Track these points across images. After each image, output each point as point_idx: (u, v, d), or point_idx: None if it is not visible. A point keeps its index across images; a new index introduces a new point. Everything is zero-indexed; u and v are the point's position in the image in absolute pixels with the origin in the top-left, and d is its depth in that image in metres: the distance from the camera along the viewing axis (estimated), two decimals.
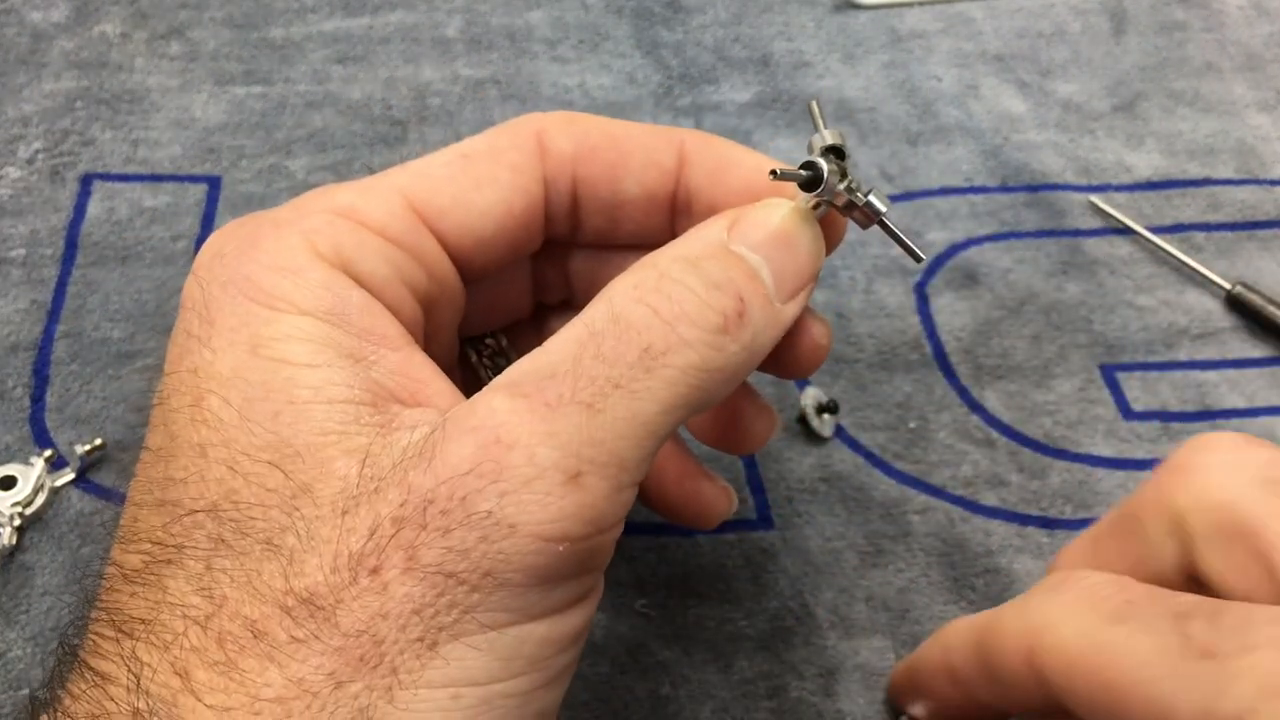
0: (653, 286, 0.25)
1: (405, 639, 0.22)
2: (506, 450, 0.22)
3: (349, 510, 0.23)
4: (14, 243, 0.45)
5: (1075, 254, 0.48)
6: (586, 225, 0.30)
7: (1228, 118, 0.54)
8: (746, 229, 0.27)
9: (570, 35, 0.56)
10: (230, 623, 0.22)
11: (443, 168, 0.28)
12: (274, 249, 0.26)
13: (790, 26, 0.57)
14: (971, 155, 0.51)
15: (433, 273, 0.28)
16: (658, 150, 0.29)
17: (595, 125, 0.29)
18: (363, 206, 0.27)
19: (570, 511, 0.23)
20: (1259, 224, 0.49)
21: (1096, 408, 0.42)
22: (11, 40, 0.53)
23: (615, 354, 0.24)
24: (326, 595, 0.22)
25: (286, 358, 0.24)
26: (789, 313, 0.27)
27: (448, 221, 0.28)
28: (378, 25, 0.55)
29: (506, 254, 0.29)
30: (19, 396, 0.40)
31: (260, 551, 0.23)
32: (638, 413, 0.24)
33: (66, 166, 0.48)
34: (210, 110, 0.51)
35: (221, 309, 0.25)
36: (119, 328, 0.42)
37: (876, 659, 0.35)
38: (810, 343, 0.29)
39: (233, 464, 0.24)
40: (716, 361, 0.25)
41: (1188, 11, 0.59)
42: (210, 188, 0.48)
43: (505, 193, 0.28)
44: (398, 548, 0.22)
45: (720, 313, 0.25)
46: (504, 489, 0.22)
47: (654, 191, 0.29)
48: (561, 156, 0.29)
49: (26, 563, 0.36)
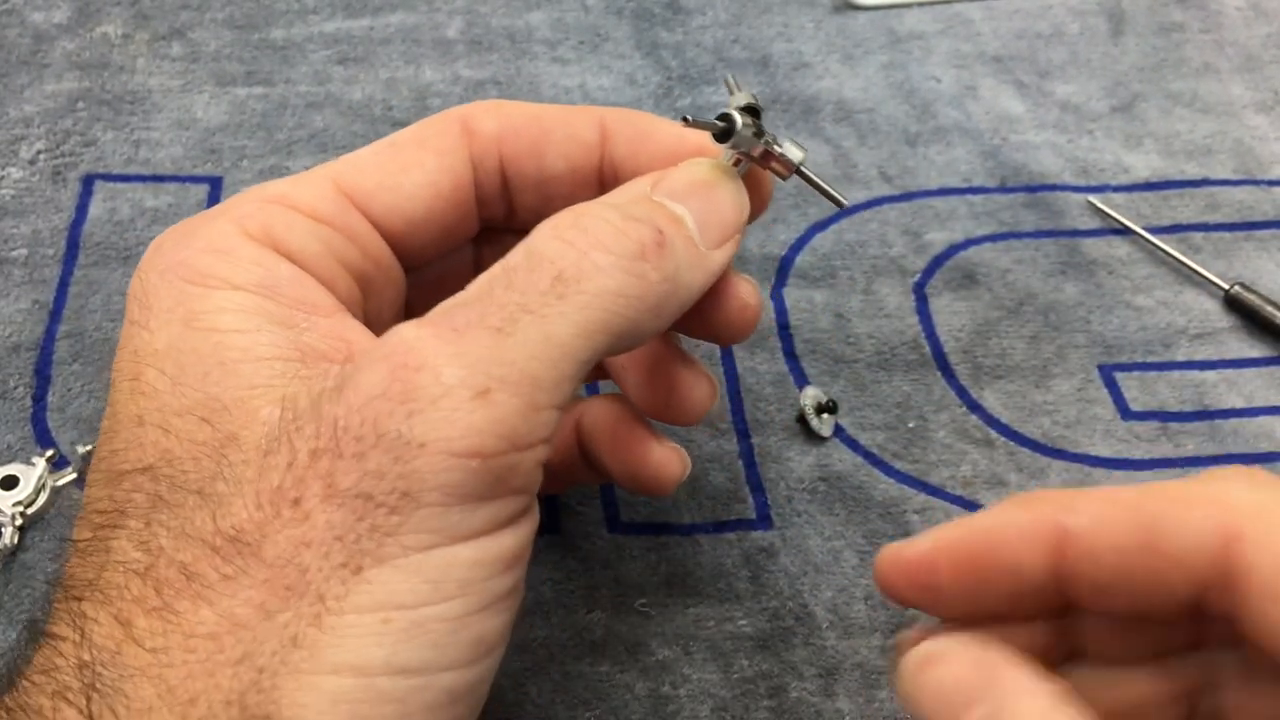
0: (569, 223, 0.25)
1: (329, 565, 0.22)
2: (414, 372, 0.23)
3: (271, 450, 0.23)
4: (16, 243, 0.45)
5: (1074, 254, 0.48)
6: (520, 205, 0.31)
7: (1226, 118, 0.54)
8: (668, 182, 0.28)
9: (570, 36, 0.56)
10: (167, 570, 0.23)
11: (371, 155, 0.29)
12: (207, 234, 0.27)
13: (790, 27, 0.57)
14: (970, 156, 0.51)
15: (366, 251, 0.29)
16: (578, 126, 0.30)
17: (518, 108, 0.30)
18: (292, 193, 0.28)
19: (480, 426, 0.23)
20: (1257, 224, 0.49)
21: (1095, 408, 0.42)
22: (13, 41, 0.53)
23: (526, 283, 0.24)
24: (252, 531, 0.23)
25: (217, 326, 0.25)
26: (716, 259, 0.27)
27: (377, 203, 0.29)
28: (378, 26, 0.55)
29: (442, 236, 0.30)
30: (21, 396, 0.40)
31: (194, 501, 0.23)
32: (550, 335, 0.24)
33: (68, 167, 0.48)
34: (211, 111, 0.51)
35: (158, 293, 0.26)
36: (120, 328, 0.42)
37: (876, 658, 0.36)
38: (738, 301, 0.29)
39: (166, 426, 0.24)
40: (635, 288, 0.25)
41: (1186, 12, 0.59)
42: (212, 188, 0.48)
43: (432, 175, 0.29)
44: (316, 477, 0.23)
45: (637, 241, 0.25)
46: (412, 409, 0.22)
47: (579, 165, 0.30)
48: (486, 137, 0.30)
49: (28, 562, 0.36)
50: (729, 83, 0.30)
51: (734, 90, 0.29)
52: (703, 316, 0.29)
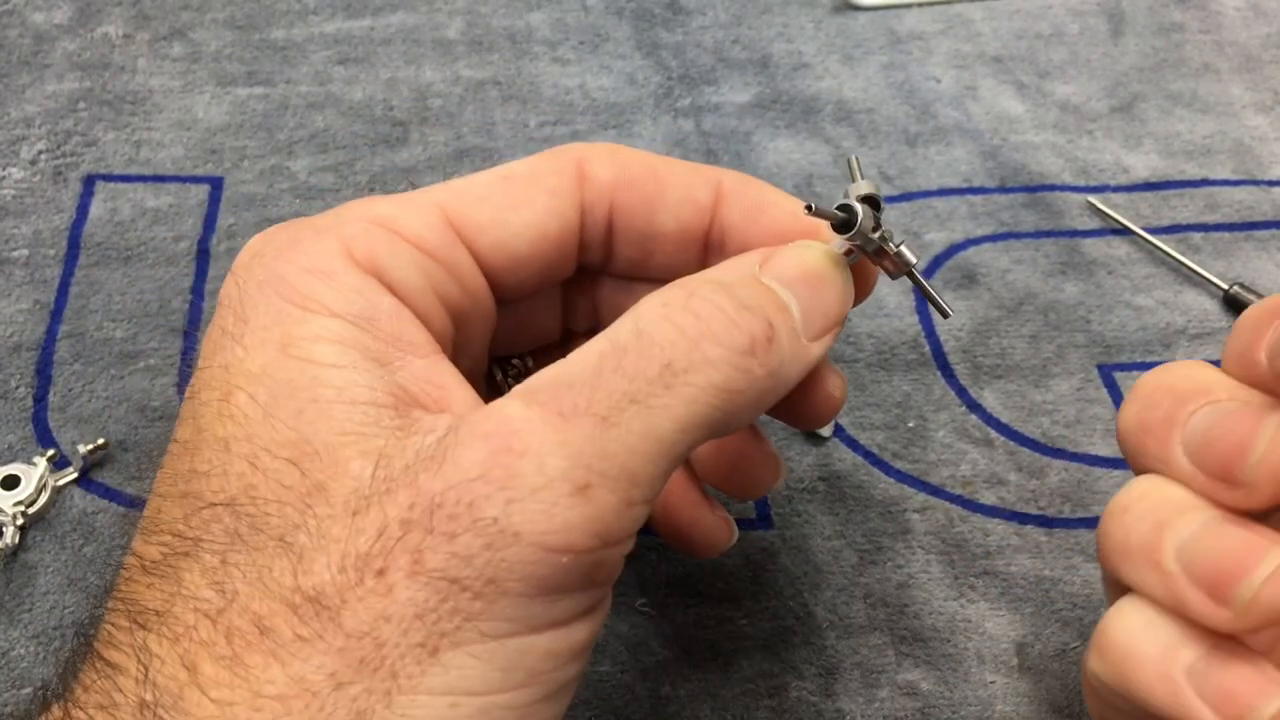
0: (681, 304, 0.25)
1: (407, 643, 0.22)
2: (516, 458, 0.22)
3: (359, 510, 0.23)
4: (17, 243, 0.45)
5: (1073, 254, 0.48)
6: (619, 255, 0.31)
7: (1225, 118, 0.54)
8: (779, 264, 0.27)
9: (571, 36, 0.56)
10: (239, 618, 0.22)
11: (483, 186, 0.29)
12: (310, 251, 0.26)
13: (790, 28, 0.57)
14: (970, 156, 0.51)
15: (465, 286, 0.28)
16: (695, 186, 0.29)
17: (636, 157, 0.30)
18: (400, 217, 0.27)
19: (576, 523, 0.22)
20: (1256, 224, 0.49)
21: (1094, 407, 0.43)
22: (14, 41, 0.53)
23: (636, 369, 0.24)
24: (333, 595, 0.22)
25: (313, 357, 0.25)
26: (815, 351, 0.27)
27: (484, 239, 0.28)
28: (379, 27, 0.55)
29: (539, 276, 0.30)
30: (22, 396, 0.40)
31: (273, 548, 0.23)
32: (653, 429, 0.23)
33: (69, 167, 0.48)
34: (212, 111, 0.51)
35: (256, 307, 0.26)
36: (121, 328, 0.43)
37: (875, 657, 0.36)
38: (825, 393, 0.29)
39: (253, 459, 0.24)
40: (739, 383, 0.24)
41: (1185, 13, 0.59)
42: (212, 188, 0.48)
43: (541, 215, 0.29)
44: (404, 550, 0.22)
45: (748, 334, 0.25)
46: (510, 496, 0.22)
47: (688, 226, 0.30)
48: (600, 185, 0.29)
49: (29, 562, 0.36)
50: (852, 166, 0.29)
51: (856, 175, 0.29)
52: (787, 401, 0.28)
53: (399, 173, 0.49)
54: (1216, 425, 0.25)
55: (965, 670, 0.35)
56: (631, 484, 0.23)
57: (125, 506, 0.38)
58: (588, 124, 0.52)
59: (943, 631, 0.36)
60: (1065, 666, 0.35)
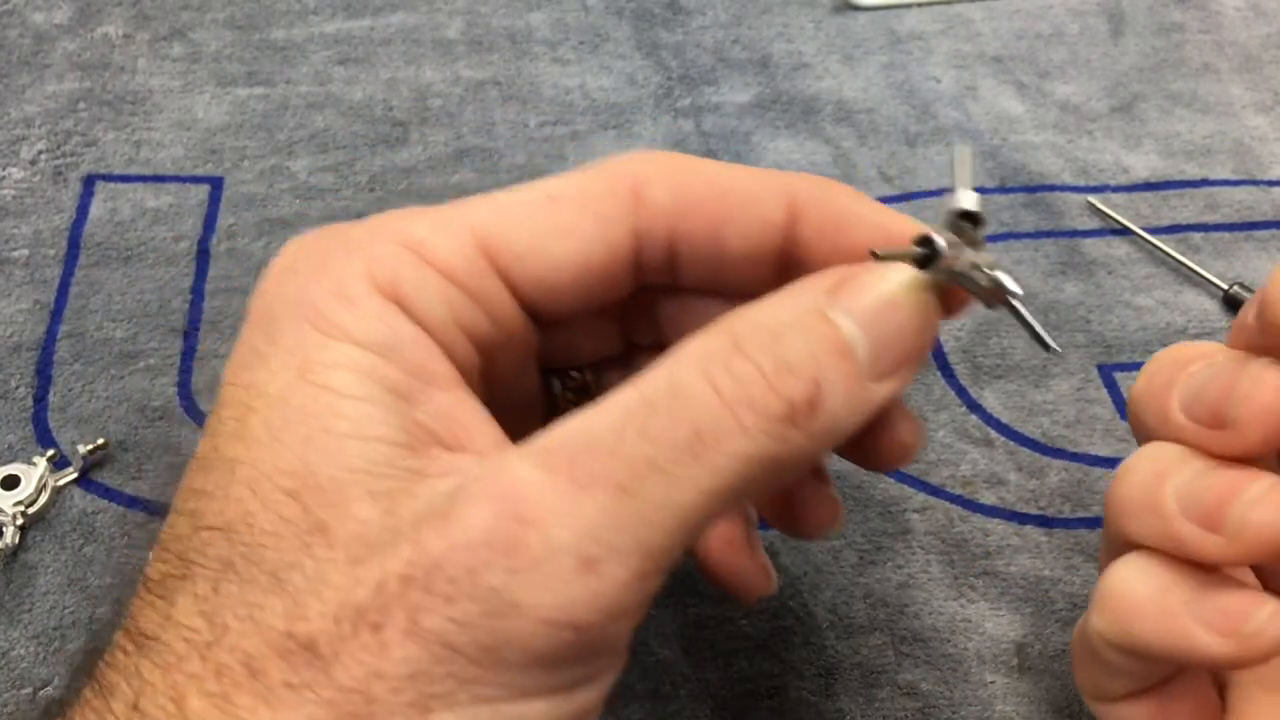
0: (721, 360, 0.23)
1: (397, 702, 0.21)
2: (523, 527, 0.21)
3: (360, 559, 0.22)
4: (17, 243, 0.45)
5: (1073, 254, 0.48)
6: (685, 276, 0.28)
7: (1225, 119, 0.54)
8: (852, 293, 0.24)
9: (571, 36, 0.56)
10: (228, 655, 0.22)
11: (525, 207, 0.27)
12: (337, 273, 0.25)
13: (790, 28, 0.57)
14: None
15: (495, 318, 0.27)
16: (764, 203, 0.27)
17: (697, 172, 0.27)
18: (430, 241, 0.26)
19: (580, 599, 0.21)
20: (1256, 224, 0.49)
21: (1094, 407, 0.43)
22: (14, 41, 0.53)
23: (663, 432, 0.22)
24: (325, 645, 0.21)
25: (331, 385, 0.24)
26: (880, 393, 0.24)
27: (520, 268, 0.26)
28: (379, 27, 0.55)
29: (583, 303, 0.28)
30: (22, 396, 0.40)
31: (266, 583, 0.22)
32: (674, 500, 0.22)
33: (69, 167, 0.48)
34: (212, 111, 0.51)
35: (283, 328, 0.25)
36: (121, 328, 0.43)
37: (875, 657, 0.36)
38: (894, 439, 0.27)
39: (255, 485, 0.23)
40: (774, 450, 0.22)
41: (1185, 13, 0.59)
42: (212, 188, 0.48)
43: (586, 244, 0.26)
44: (402, 608, 0.21)
45: (787, 400, 0.23)
46: (514, 566, 0.21)
47: (758, 246, 0.27)
48: (658, 209, 0.27)
49: (29, 562, 0.36)
50: (956, 166, 0.25)
51: (959, 181, 0.25)
52: (852, 444, 0.26)
53: (399, 173, 0.49)
54: (1209, 379, 0.25)
55: (965, 670, 0.35)
56: (645, 557, 0.22)
57: (125, 506, 0.38)
58: (588, 124, 0.52)
59: (943, 631, 0.36)
60: (1065, 666, 0.35)
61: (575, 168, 0.28)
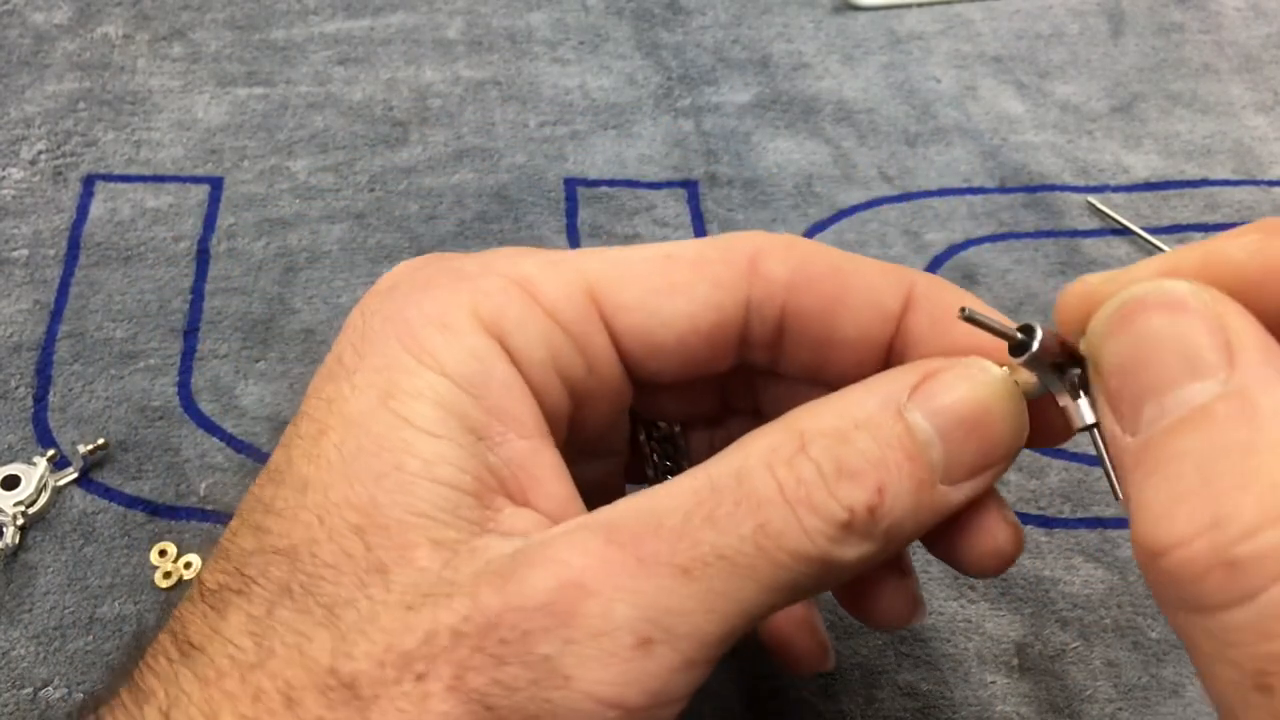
0: (786, 457, 0.23)
1: None
2: (583, 597, 0.21)
3: (414, 606, 0.22)
4: (17, 243, 0.45)
5: (1073, 254, 0.48)
6: (789, 358, 0.27)
7: (1225, 119, 0.54)
8: (933, 390, 0.23)
9: (571, 36, 0.56)
10: (269, 681, 0.22)
11: (640, 262, 0.26)
12: (440, 300, 0.25)
13: (790, 28, 0.57)
14: (970, 156, 0.51)
15: (593, 366, 0.26)
16: (883, 291, 0.26)
17: (819, 254, 0.26)
18: (540, 281, 0.26)
19: (632, 678, 0.21)
20: None
21: None
22: (14, 41, 0.53)
23: (729, 521, 0.22)
24: (366, 686, 0.21)
25: (411, 417, 0.23)
26: (955, 497, 0.23)
27: (626, 319, 0.26)
28: (379, 27, 0.55)
29: (684, 369, 0.27)
30: (22, 396, 0.40)
31: (320, 615, 0.22)
32: (734, 590, 0.22)
33: (69, 167, 0.48)
34: (212, 111, 0.51)
35: (374, 346, 0.25)
36: (121, 328, 0.43)
37: (875, 657, 0.36)
38: (988, 544, 0.25)
39: (323, 514, 0.23)
40: (833, 554, 0.22)
41: (1185, 13, 0.59)
42: (212, 188, 0.48)
43: (698, 307, 0.26)
44: (449, 662, 0.21)
45: (847, 508, 0.22)
46: (570, 636, 0.21)
47: (871, 335, 0.26)
48: (774, 284, 0.26)
49: (29, 562, 0.36)
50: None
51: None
52: (944, 543, 0.25)
53: (399, 173, 0.49)
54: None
55: (965, 670, 0.35)
56: (700, 644, 0.22)
57: (125, 507, 0.38)
58: (587, 124, 0.52)
59: (943, 632, 0.36)
60: (1065, 667, 0.35)
61: (574, 166, 0.27)
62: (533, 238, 0.47)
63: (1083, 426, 0.22)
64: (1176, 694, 0.35)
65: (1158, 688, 0.35)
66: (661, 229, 0.48)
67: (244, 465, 0.39)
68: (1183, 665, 0.35)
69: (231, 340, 0.43)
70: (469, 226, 0.47)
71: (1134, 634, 0.36)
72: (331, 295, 0.44)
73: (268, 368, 0.42)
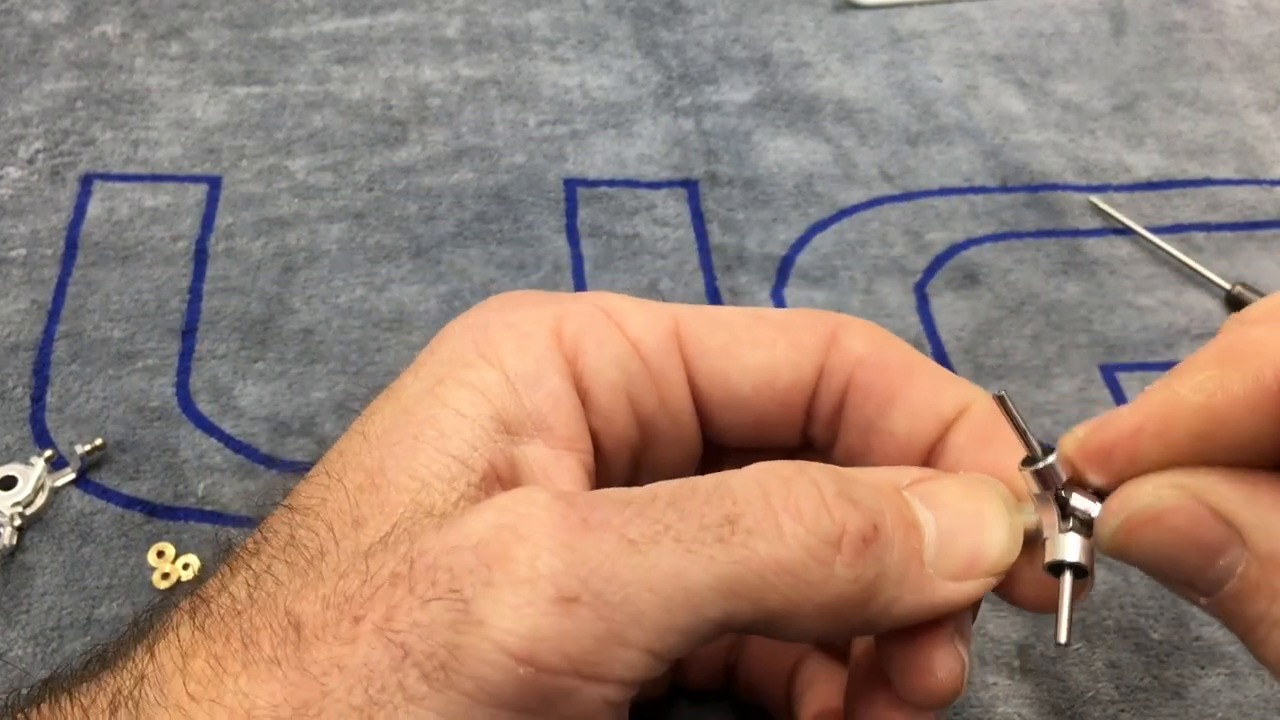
0: (780, 476, 0.22)
1: (346, 702, 0.20)
2: (515, 541, 0.21)
3: (372, 555, 0.22)
4: (14, 243, 0.45)
5: (1075, 254, 0.48)
6: (843, 439, 0.27)
7: (1227, 118, 0.54)
8: (935, 485, 0.24)
9: (570, 35, 0.56)
10: (244, 624, 0.22)
11: (728, 314, 0.27)
12: (525, 312, 0.26)
13: (790, 27, 0.57)
14: (971, 155, 0.51)
15: (665, 400, 0.27)
16: (943, 395, 0.26)
17: (896, 348, 0.27)
18: (628, 312, 0.27)
19: (544, 632, 0.20)
20: (1259, 224, 0.49)
21: (1096, 407, 0.42)
22: (12, 40, 0.53)
23: (694, 510, 0.21)
24: (309, 628, 0.21)
25: (447, 399, 0.24)
26: (943, 593, 0.23)
27: (705, 362, 0.27)
28: (378, 25, 0.55)
29: (756, 426, 0.27)
30: (19, 396, 0.40)
31: (301, 566, 0.23)
32: (682, 574, 0.20)
33: (67, 166, 0.48)
34: (210, 110, 0.51)
35: (446, 343, 0.26)
36: (119, 328, 0.42)
37: None
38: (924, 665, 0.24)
39: (339, 476, 0.24)
40: (813, 574, 0.21)
41: (1187, 12, 0.59)
42: (210, 188, 0.48)
43: (777, 360, 0.27)
44: (383, 602, 0.21)
45: (839, 525, 0.21)
46: (491, 579, 0.20)
47: (919, 433, 0.26)
48: (848, 354, 0.27)
49: (27, 563, 0.36)
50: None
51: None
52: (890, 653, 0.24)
53: (398, 172, 0.49)
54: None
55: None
56: (631, 621, 0.20)
57: (123, 507, 0.38)
58: (587, 123, 0.51)
59: None
60: (1067, 668, 0.35)
61: (574, 166, 0.27)
62: (532, 237, 0.47)
63: (1056, 561, 0.22)
64: (1178, 695, 0.35)
65: (1160, 689, 0.35)
66: (661, 228, 0.47)
67: (242, 466, 0.39)
68: (1184, 666, 0.35)
69: (230, 340, 0.42)
70: (468, 226, 0.47)
71: (1136, 635, 0.36)
72: (330, 295, 0.44)
73: (266, 368, 0.42)
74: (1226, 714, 0.34)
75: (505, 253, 0.46)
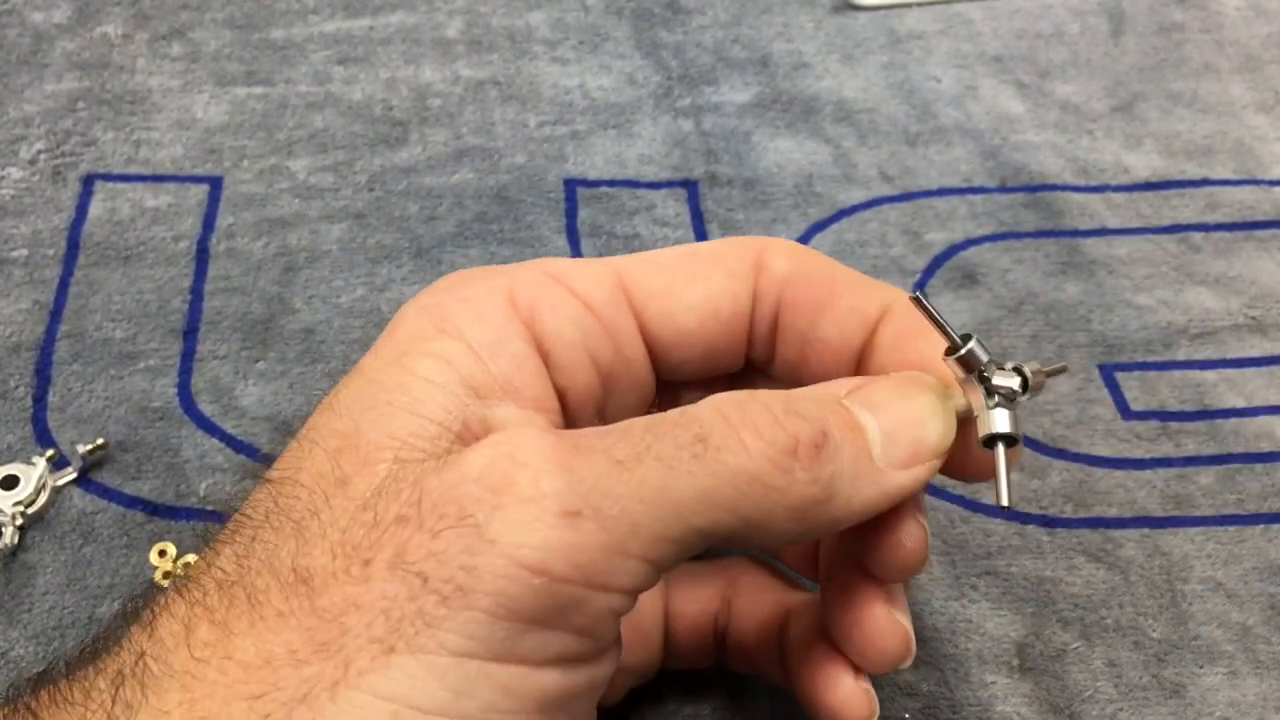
0: (736, 401, 0.24)
1: (368, 635, 0.22)
2: (516, 468, 0.22)
3: (368, 505, 0.23)
4: (16, 243, 0.45)
5: (1074, 254, 0.48)
6: (779, 355, 0.30)
7: (1226, 118, 0.54)
8: (870, 389, 0.26)
9: (570, 36, 0.56)
10: (241, 590, 0.23)
11: (664, 256, 0.29)
12: (476, 286, 0.27)
13: (790, 27, 0.57)
14: (970, 156, 0.51)
15: (621, 350, 0.28)
16: (865, 299, 0.28)
17: (817, 260, 0.29)
18: (573, 274, 0.28)
19: (555, 545, 0.22)
20: (1257, 224, 0.49)
21: (1095, 407, 0.42)
22: (13, 41, 0.53)
23: (668, 432, 0.23)
24: (319, 578, 0.22)
25: (414, 369, 0.25)
26: (896, 480, 0.25)
27: (653, 305, 0.28)
28: (378, 26, 0.55)
29: (705, 357, 0.29)
30: (21, 396, 0.40)
31: (289, 530, 0.23)
32: (668, 487, 0.23)
33: (68, 167, 0.48)
34: (211, 111, 0.51)
35: (402, 324, 0.27)
36: (121, 328, 0.42)
37: None
38: (894, 540, 0.27)
39: (316, 441, 0.25)
40: (777, 481, 0.23)
41: (1186, 12, 0.59)
42: (212, 188, 0.48)
43: (715, 292, 0.29)
44: (391, 542, 0.22)
45: (792, 436, 0.24)
46: (498, 503, 0.22)
47: (848, 338, 0.28)
48: (775, 276, 0.29)
49: (28, 562, 0.36)
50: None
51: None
52: (859, 542, 0.27)
53: (398, 172, 0.49)
54: None
55: (966, 670, 0.35)
56: (629, 532, 0.22)
57: (124, 507, 0.38)
58: (587, 124, 0.52)
59: (943, 631, 0.36)
60: (1066, 667, 0.35)
61: (574, 166, 0.28)
62: (533, 238, 0.47)
63: (989, 434, 0.25)
64: (1178, 694, 0.35)
65: (1159, 688, 0.35)
66: (661, 229, 0.47)
67: (244, 466, 0.39)
68: (1184, 665, 0.35)
69: (231, 340, 0.42)
70: (469, 226, 0.47)
71: (1135, 634, 0.36)
72: (331, 295, 0.44)
73: (267, 368, 0.42)
74: (1225, 712, 0.34)
75: (506, 253, 0.46)
